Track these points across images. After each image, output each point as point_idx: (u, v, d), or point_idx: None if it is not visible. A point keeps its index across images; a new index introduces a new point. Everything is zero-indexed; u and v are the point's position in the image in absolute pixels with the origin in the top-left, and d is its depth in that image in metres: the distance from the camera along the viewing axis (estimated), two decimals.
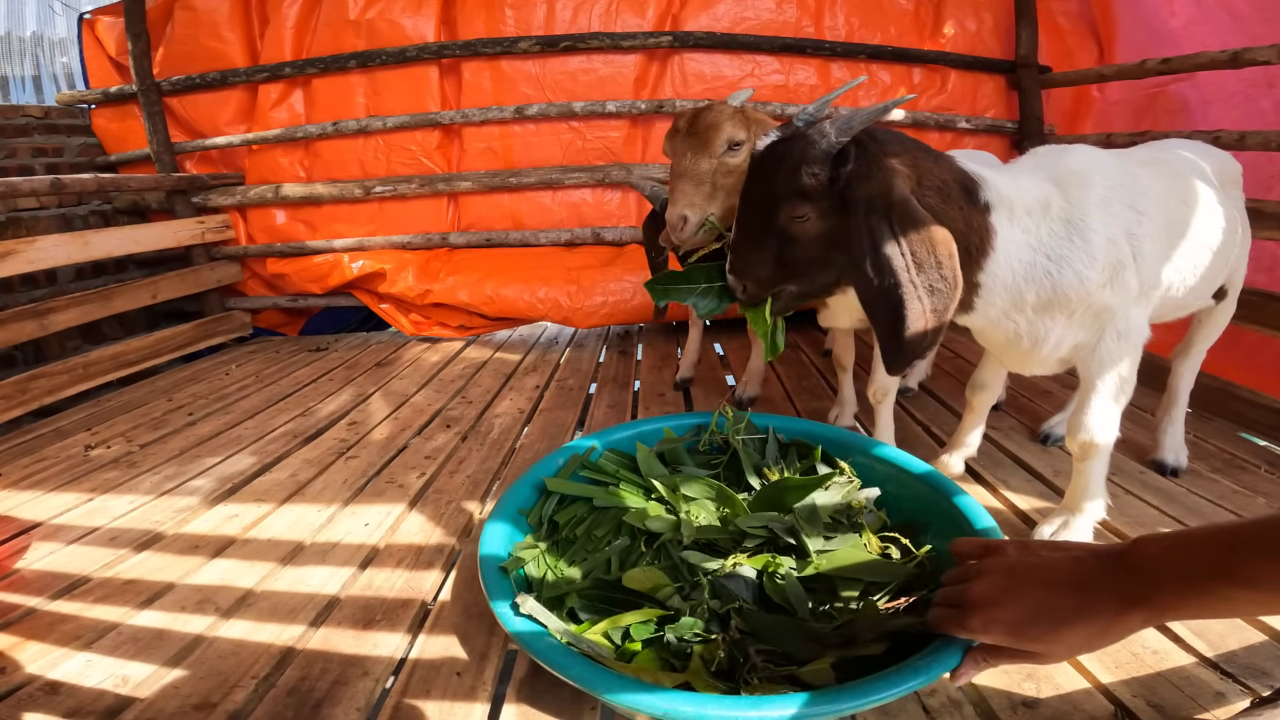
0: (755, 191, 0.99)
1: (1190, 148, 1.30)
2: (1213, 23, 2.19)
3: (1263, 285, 1.81)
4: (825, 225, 0.95)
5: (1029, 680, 0.85)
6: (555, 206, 2.83)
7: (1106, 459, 1.13)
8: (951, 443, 1.45)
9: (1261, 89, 2.07)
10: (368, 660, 0.92)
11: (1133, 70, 2.20)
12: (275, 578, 1.14)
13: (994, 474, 1.44)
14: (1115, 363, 1.05)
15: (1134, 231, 1.02)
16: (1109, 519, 1.20)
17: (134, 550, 1.25)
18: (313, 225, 2.94)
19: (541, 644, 0.78)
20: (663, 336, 2.71)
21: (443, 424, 1.89)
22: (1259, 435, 1.60)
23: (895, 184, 0.89)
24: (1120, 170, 1.05)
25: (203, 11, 2.75)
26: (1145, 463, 1.45)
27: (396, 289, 2.77)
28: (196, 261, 2.84)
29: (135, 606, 1.06)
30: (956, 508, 1.00)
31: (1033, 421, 1.69)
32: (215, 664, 0.91)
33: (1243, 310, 1.45)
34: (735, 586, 0.88)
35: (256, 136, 2.80)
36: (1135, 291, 1.03)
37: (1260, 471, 1.42)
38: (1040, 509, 1.29)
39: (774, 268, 1.00)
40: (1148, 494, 1.33)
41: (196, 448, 1.77)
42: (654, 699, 0.69)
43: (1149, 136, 2.03)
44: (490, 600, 0.86)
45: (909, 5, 2.71)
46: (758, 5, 2.69)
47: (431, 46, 2.67)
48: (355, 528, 1.31)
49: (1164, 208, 1.09)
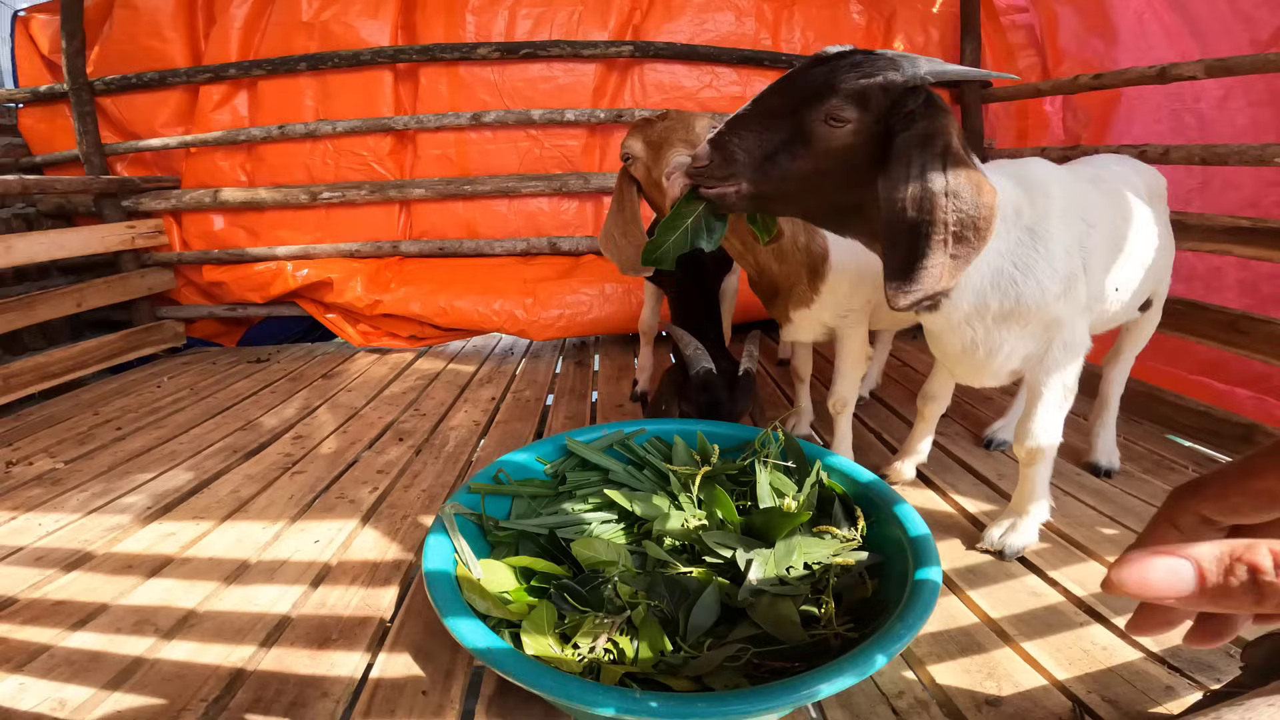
0: (800, 76, 0.88)
1: (1121, 163, 1.38)
2: (1149, 39, 2.34)
3: (1183, 294, 1.96)
4: (854, 142, 0.87)
5: (990, 679, 0.88)
6: (511, 215, 2.81)
7: (1050, 463, 1.18)
8: (903, 450, 1.50)
9: (1188, 104, 2.22)
10: (326, 680, 0.87)
11: (1067, 85, 2.34)
12: (219, 597, 1.08)
13: (943, 478, 1.50)
14: (1061, 372, 1.10)
15: (1085, 244, 1.07)
16: (1051, 520, 1.26)
17: (62, 570, 1.17)
18: (254, 231, 2.82)
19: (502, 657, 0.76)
20: (619, 347, 2.71)
21: (395, 437, 1.83)
22: (1184, 437, 1.72)
23: (955, 134, 0.85)
24: (1072, 183, 1.10)
25: (144, 10, 2.63)
26: (1081, 465, 1.53)
27: (345, 299, 2.68)
28: (126, 268, 2.69)
29: (67, 628, 0.99)
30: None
31: (977, 427, 1.77)
32: (160, 686, 0.85)
33: (1168, 319, 1.55)
34: (670, 589, 0.89)
35: (195, 139, 2.68)
36: (1083, 303, 1.08)
37: (1188, 471, 1.52)
38: (988, 511, 1.34)
39: (759, 158, 0.88)
40: (1085, 495, 1.40)
41: (127, 463, 1.67)
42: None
43: (1080, 151, 2.17)
44: (443, 617, 0.80)
45: (861, 20, 2.81)
46: (717, 17, 2.75)
47: (388, 50, 2.62)
48: (304, 545, 1.26)
49: (1109, 222, 1.14)
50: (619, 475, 1.19)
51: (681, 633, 0.83)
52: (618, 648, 0.80)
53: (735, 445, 1.29)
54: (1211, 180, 2.14)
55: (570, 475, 1.19)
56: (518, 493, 1.12)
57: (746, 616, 0.86)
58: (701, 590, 0.89)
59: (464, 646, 0.74)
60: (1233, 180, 2.10)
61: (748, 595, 0.87)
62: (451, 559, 0.90)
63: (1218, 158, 1.80)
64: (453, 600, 0.80)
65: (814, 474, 1.15)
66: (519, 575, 0.94)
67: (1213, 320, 1.75)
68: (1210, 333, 1.76)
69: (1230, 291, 2.09)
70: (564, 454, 1.25)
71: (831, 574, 0.93)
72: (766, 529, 1.01)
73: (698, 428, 1.30)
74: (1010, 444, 1.63)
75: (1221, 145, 1.80)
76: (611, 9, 2.72)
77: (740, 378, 1.50)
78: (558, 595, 0.89)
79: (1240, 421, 1.64)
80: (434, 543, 0.91)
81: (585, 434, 1.29)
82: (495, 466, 1.17)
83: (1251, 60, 1.73)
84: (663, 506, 1.07)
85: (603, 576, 0.92)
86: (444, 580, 0.84)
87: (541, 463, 1.22)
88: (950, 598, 1.07)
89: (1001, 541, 1.19)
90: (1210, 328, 1.76)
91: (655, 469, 1.21)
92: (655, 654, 0.79)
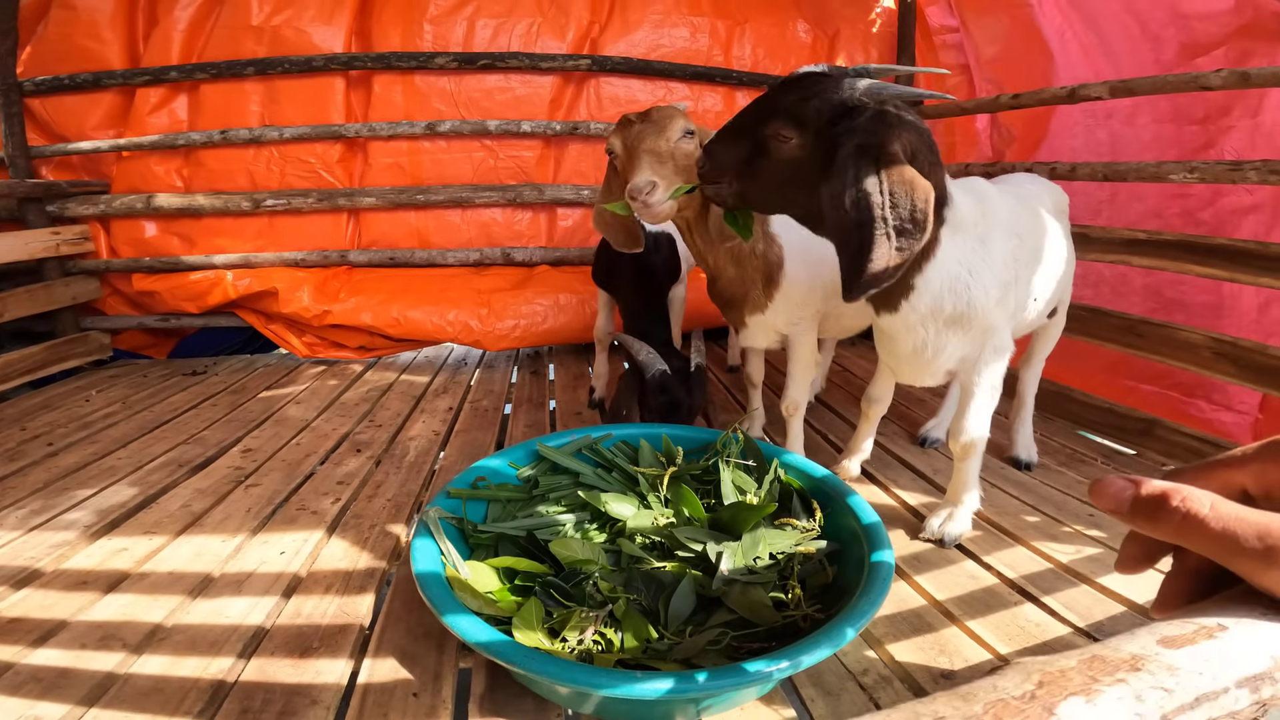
0: (765, 98, 1.04)
1: (1034, 182, 1.54)
2: (1069, 57, 2.51)
3: (1091, 299, 2.16)
4: (800, 156, 1.00)
5: (943, 655, 0.97)
6: (464, 225, 2.81)
7: (980, 456, 1.31)
8: (848, 449, 1.61)
9: (1100, 120, 2.41)
10: (313, 688, 0.88)
11: (988, 104, 2.52)
12: (186, 611, 1.06)
13: (885, 474, 1.61)
14: (991, 374, 1.22)
15: (1017, 256, 1.19)
16: (982, 509, 1.38)
17: (11, 588, 1.12)
18: (190, 239, 2.72)
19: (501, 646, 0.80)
20: (573, 356, 2.75)
21: (352, 448, 1.81)
22: (1093, 432, 1.91)
23: (893, 141, 0.94)
24: (1004, 200, 1.22)
25: (83, 10, 2.50)
26: (1004, 460, 1.68)
27: (290, 309, 2.62)
28: (49, 276, 2.54)
29: (28, 645, 0.96)
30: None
31: (912, 427, 1.90)
32: (138, 701, 0.84)
33: (1075, 323, 1.72)
34: (646, 583, 0.95)
35: (129, 142, 2.56)
36: (1011, 310, 1.21)
37: (1097, 464, 1.69)
38: (926, 503, 1.46)
39: (738, 164, 1.06)
40: (1009, 486, 1.54)
41: (63, 479, 1.59)
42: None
43: (999, 169, 2.37)
44: (442, 615, 0.84)
45: (808, 39, 2.96)
46: (673, 33, 2.84)
47: (341, 57, 2.58)
48: (270, 556, 1.24)
49: (1033, 237, 1.28)
50: (589, 478, 1.23)
51: (663, 622, 0.89)
52: (605, 638, 0.85)
53: (698, 447, 1.36)
54: (1120, 192, 2.33)
55: (542, 479, 1.23)
56: (495, 497, 1.15)
57: (722, 604, 0.92)
58: (677, 582, 0.95)
59: (466, 642, 0.77)
60: (1138, 192, 2.27)
61: (721, 584, 0.94)
62: (438, 561, 0.93)
63: (1118, 174, 2.01)
64: (449, 599, 0.83)
65: (772, 471, 1.23)
66: (502, 576, 0.98)
67: (1114, 325, 1.95)
68: (1112, 336, 1.95)
69: (1136, 296, 2.25)
70: (536, 459, 1.28)
71: (795, 562, 1.01)
72: (733, 523, 1.08)
73: (662, 431, 1.36)
74: (942, 441, 1.77)
75: (1122, 163, 2.00)
76: (570, 21, 2.77)
77: (693, 374, 1.57)
78: (543, 592, 0.93)
79: (1141, 417, 1.84)
80: (420, 546, 0.94)
81: (555, 439, 1.33)
82: (473, 472, 1.19)
83: (1151, 81, 1.92)
84: (633, 506, 1.13)
85: (583, 574, 0.97)
86: (436, 581, 0.87)
87: (514, 468, 1.26)
88: (900, 583, 1.17)
89: (941, 530, 1.30)
90: (1112, 331, 1.95)
91: (623, 471, 1.26)
92: (641, 642, 0.84)
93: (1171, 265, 1.85)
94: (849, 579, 0.97)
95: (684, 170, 1.26)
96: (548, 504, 1.15)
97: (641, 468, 1.25)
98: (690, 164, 1.26)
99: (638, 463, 1.28)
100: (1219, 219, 2.09)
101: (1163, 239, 1.88)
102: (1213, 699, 0.25)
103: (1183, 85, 1.84)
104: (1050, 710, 0.22)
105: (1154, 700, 0.23)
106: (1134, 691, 0.23)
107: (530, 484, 1.23)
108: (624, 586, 0.95)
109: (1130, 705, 0.23)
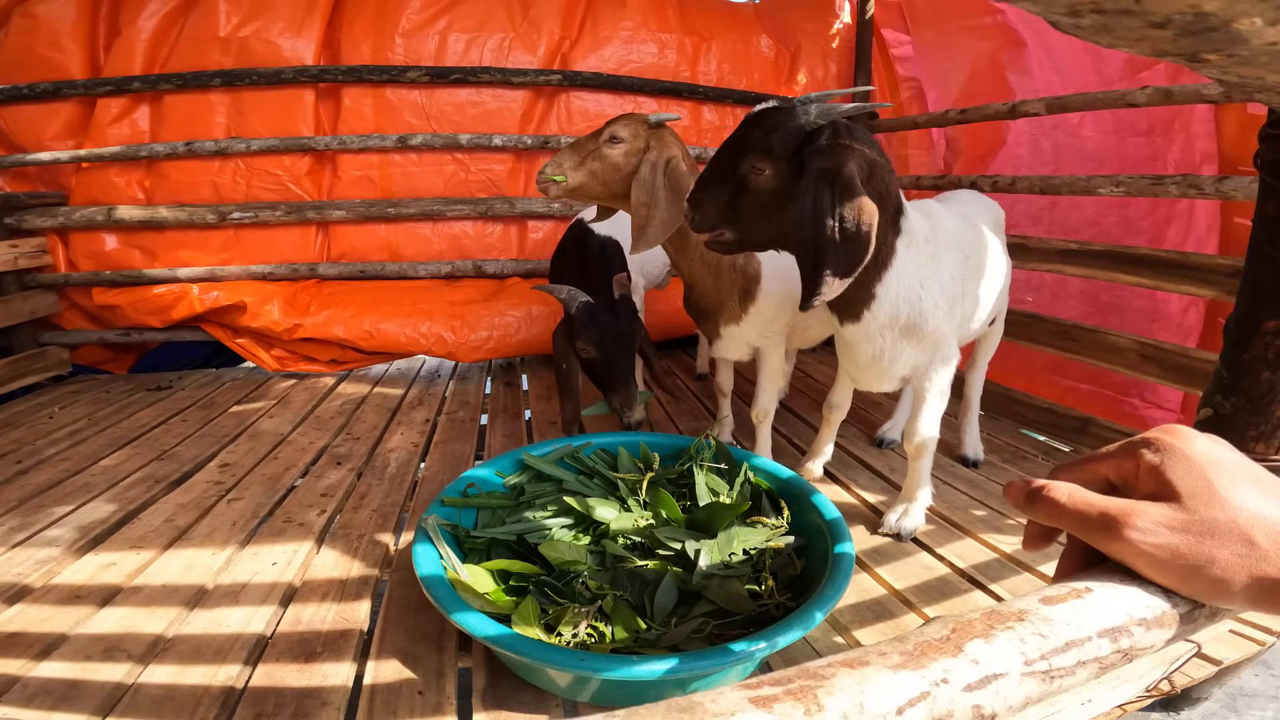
0: (733, 140, 1.13)
1: (973, 198, 1.66)
2: (1031, 69, 2.63)
3: (1033, 304, 2.32)
4: (777, 184, 1.09)
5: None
6: (435, 238, 2.84)
7: (932, 455, 1.43)
8: (811, 451, 1.72)
9: (1045, 131, 2.55)
10: (322, 691, 0.93)
11: (938, 119, 2.68)
12: (185, 622, 1.10)
13: (845, 474, 1.72)
14: (940, 379, 1.34)
15: (964, 272, 1.31)
16: (934, 505, 1.50)
17: (4, 603, 1.14)
18: (152, 252, 2.69)
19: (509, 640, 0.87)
20: (545, 367, 2.80)
21: (331, 461, 1.84)
22: (1035, 430, 2.06)
23: (849, 164, 1.03)
24: (952, 219, 1.34)
25: (44, 19, 2.46)
26: (953, 458, 1.81)
27: (259, 323, 2.61)
28: (7, 290, 2.48)
29: (31, 659, 0.99)
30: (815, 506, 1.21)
31: (869, 429, 2.03)
32: (153, 709, 0.88)
33: (1014, 329, 1.86)
34: (631, 580, 1.03)
35: (89, 153, 2.52)
36: (957, 322, 1.33)
37: (1039, 460, 1.84)
38: (884, 500, 1.57)
39: (723, 207, 1.14)
40: (958, 483, 1.67)
41: (38, 497, 1.59)
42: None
43: (948, 184, 2.52)
44: (449, 614, 0.90)
45: (770, 54, 3.08)
46: (641, 49, 2.93)
47: (311, 70, 2.59)
48: (262, 567, 1.28)
49: (977, 253, 1.39)
50: (572, 484, 1.31)
51: (649, 614, 0.97)
52: (597, 631, 0.93)
53: (672, 453, 1.44)
54: (1059, 201, 2.49)
55: (529, 487, 1.30)
56: (485, 504, 1.21)
57: (702, 597, 1.01)
58: (660, 578, 1.03)
59: (477, 637, 0.84)
60: (1077, 201, 2.43)
61: (701, 579, 1.03)
62: (439, 564, 0.99)
63: (1053, 188, 2.17)
64: (454, 600, 0.90)
65: (743, 473, 1.33)
66: (497, 577, 1.05)
67: (1050, 330, 2.11)
68: (1048, 340, 2.11)
69: (1074, 300, 2.40)
70: (521, 468, 1.35)
71: (767, 556, 1.10)
72: (709, 522, 1.17)
73: (640, 439, 1.45)
74: (898, 442, 1.90)
75: (1056, 177, 2.15)
76: (542, 37, 2.83)
77: (620, 302, 1.62)
78: (537, 591, 1.00)
79: (1077, 415, 2.00)
80: (421, 551, 1.00)
81: (538, 449, 1.40)
82: (462, 481, 1.26)
83: (1084, 98, 2.07)
84: (615, 509, 1.21)
85: (572, 574, 1.04)
86: (441, 583, 0.93)
87: (501, 476, 1.32)
88: (862, 574, 1.28)
89: (898, 525, 1.41)
90: (1048, 336, 2.11)
91: (604, 477, 1.34)
92: (631, 633, 0.92)
93: (1102, 274, 2.01)
94: (815, 570, 1.07)
95: (593, 171, 1.39)
96: (535, 509, 1.22)
97: (621, 473, 1.33)
98: (602, 167, 1.39)
99: (617, 469, 1.36)
100: (1157, 227, 2.25)
101: (1093, 249, 2.05)
102: (1079, 645, 0.34)
103: (1112, 102, 1.99)
104: (959, 648, 0.31)
105: (1034, 644, 0.32)
106: (1019, 636, 0.32)
107: (517, 491, 1.29)
108: (610, 584, 1.03)
109: (1017, 646, 0.32)
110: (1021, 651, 0.32)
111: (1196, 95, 1.82)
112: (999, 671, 0.31)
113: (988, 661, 0.31)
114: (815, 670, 0.30)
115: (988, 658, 0.31)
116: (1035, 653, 0.32)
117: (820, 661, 0.31)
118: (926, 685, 0.29)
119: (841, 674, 0.29)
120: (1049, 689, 0.33)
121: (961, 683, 0.30)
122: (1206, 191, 1.77)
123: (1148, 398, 2.25)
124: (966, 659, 0.31)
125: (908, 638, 0.33)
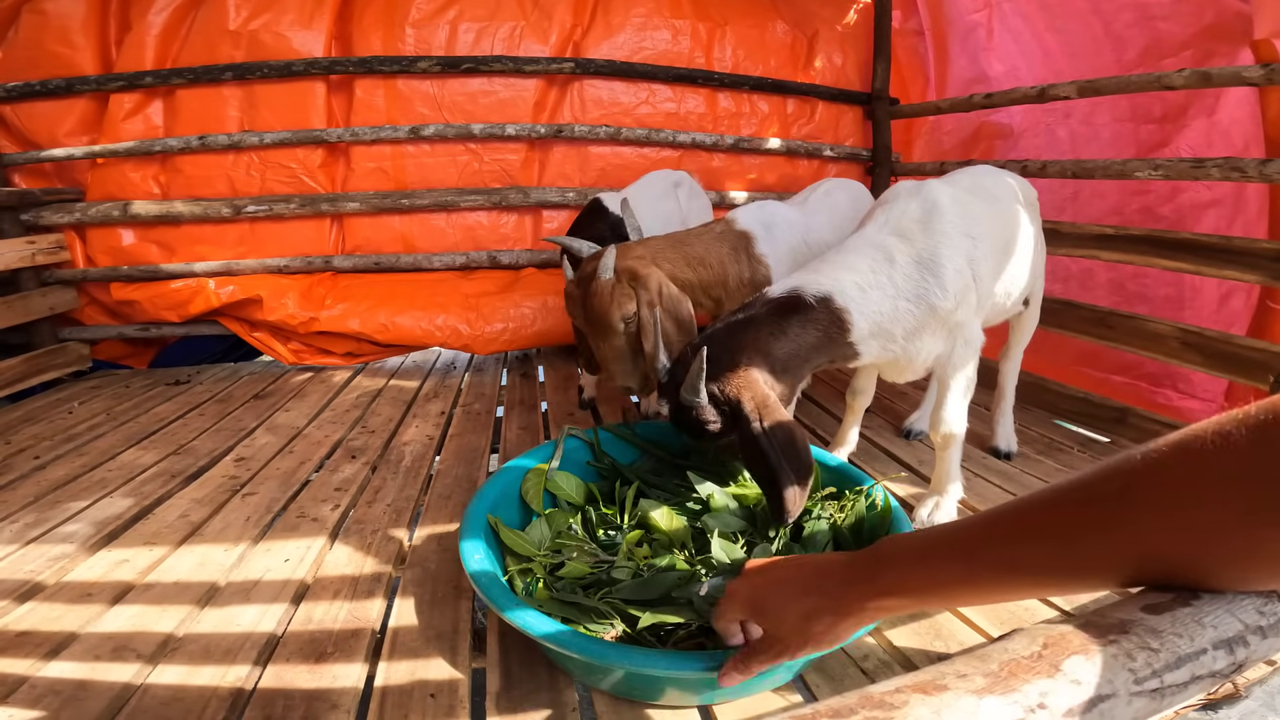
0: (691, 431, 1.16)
1: (988, 174, 1.56)
2: (1029, 59, 2.61)
3: (1060, 293, 2.24)
4: (729, 428, 1.13)
5: (938, 639, 1.02)
6: (449, 229, 2.81)
7: (961, 446, 1.36)
8: (835, 441, 1.66)
9: (1060, 119, 2.50)
10: (332, 693, 0.90)
11: (963, 104, 2.61)
12: (196, 620, 1.07)
13: (871, 466, 1.66)
14: (963, 366, 1.29)
15: (973, 256, 1.25)
16: (965, 498, 1.44)
17: (15, 601, 1.12)
18: (169, 247, 2.68)
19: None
20: (562, 358, 2.77)
21: (346, 455, 1.82)
22: (1069, 421, 1.98)
23: (752, 394, 1.08)
24: (956, 204, 1.26)
25: (54, 16, 2.45)
26: (986, 450, 1.74)
27: (275, 316, 2.60)
28: (25, 287, 2.49)
29: (40, 658, 0.96)
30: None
31: (895, 420, 1.96)
32: (160, 711, 0.85)
33: (1047, 316, 1.79)
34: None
35: (104, 149, 2.52)
36: (975, 307, 1.27)
37: (1074, 451, 1.76)
38: (914, 494, 1.51)
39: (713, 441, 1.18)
40: (990, 475, 1.61)
41: (55, 492, 1.58)
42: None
43: (974, 163, 2.44)
44: (503, 613, 0.86)
45: (786, 39, 3.00)
46: (655, 36, 2.87)
47: (322, 62, 2.56)
48: (275, 564, 1.25)
49: (992, 231, 1.32)
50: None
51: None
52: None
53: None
54: (1082, 190, 2.43)
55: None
56: (646, 448, 1.38)
57: None
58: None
59: (532, 636, 0.82)
60: (1099, 190, 2.38)
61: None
62: (487, 561, 0.96)
63: (1086, 172, 2.09)
64: (507, 597, 0.87)
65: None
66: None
67: (1085, 317, 2.03)
68: (1083, 328, 2.03)
69: (1101, 289, 2.35)
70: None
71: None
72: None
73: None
74: (926, 433, 1.83)
75: (1090, 160, 2.09)
76: (553, 25, 2.79)
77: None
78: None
79: (1114, 405, 1.92)
80: (469, 548, 0.97)
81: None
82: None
83: (1116, 81, 2.01)
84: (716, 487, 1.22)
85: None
86: (492, 580, 0.91)
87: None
88: None
89: (929, 519, 1.35)
90: (1083, 323, 2.03)
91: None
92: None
93: (1139, 259, 1.93)
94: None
95: (633, 335, 1.38)
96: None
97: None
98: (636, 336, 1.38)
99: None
100: (1179, 214, 2.18)
101: (1130, 234, 1.96)
102: (1193, 659, 0.29)
103: (1146, 85, 1.92)
104: (1056, 666, 0.26)
105: (1143, 659, 0.27)
106: (1124, 650, 0.27)
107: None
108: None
109: (1123, 662, 0.27)
110: (1130, 668, 0.27)
111: (1236, 78, 1.74)
112: (1106, 693, 0.26)
113: (1090, 681, 0.26)
114: (880, 698, 0.25)
115: (1090, 677, 0.26)
116: (1146, 669, 0.27)
117: (885, 686, 0.26)
118: (1020, 712, 0.25)
119: (914, 701, 0.25)
120: (1158, 707, 0.28)
121: (1062, 707, 0.25)
122: (1250, 175, 1.69)
123: (1182, 388, 2.17)
124: (1066, 679, 0.26)
125: (989, 655, 0.28)
